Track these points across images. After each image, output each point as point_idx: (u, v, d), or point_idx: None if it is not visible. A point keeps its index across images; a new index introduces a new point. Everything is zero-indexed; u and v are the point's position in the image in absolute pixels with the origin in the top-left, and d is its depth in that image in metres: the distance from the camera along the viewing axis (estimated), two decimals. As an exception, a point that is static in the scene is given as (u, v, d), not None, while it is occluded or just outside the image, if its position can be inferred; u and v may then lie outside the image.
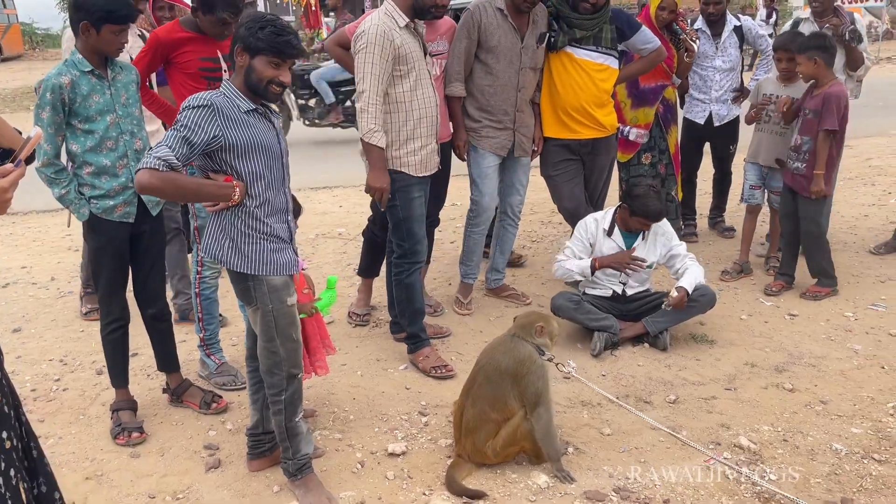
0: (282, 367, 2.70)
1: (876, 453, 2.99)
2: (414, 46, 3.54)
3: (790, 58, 4.50)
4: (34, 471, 2.17)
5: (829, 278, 4.56)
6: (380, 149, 3.51)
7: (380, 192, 3.56)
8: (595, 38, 4.13)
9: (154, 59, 3.46)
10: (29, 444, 2.17)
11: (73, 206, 3.09)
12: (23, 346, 4.18)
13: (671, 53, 5.12)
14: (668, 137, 5.34)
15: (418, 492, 2.82)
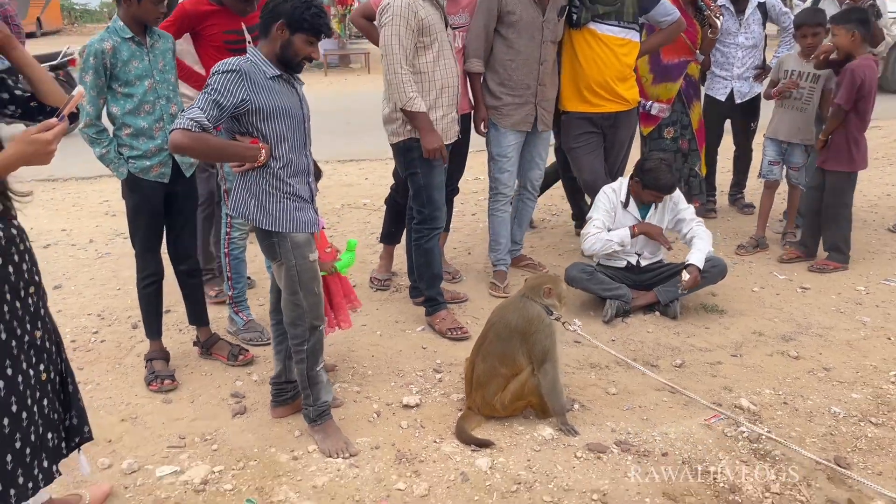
0: (304, 318, 2.88)
1: (873, 417, 3.09)
2: (436, 18, 3.66)
3: (815, 33, 4.54)
4: (68, 404, 2.37)
5: (841, 254, 4.62)
6: (423, 113, 3.64)
7: (437, 151, 3.70)
8: (617, 14, 4.19)
9: (179, 29, 3.59)
10: (66, 380, 2.36)
11: (113, 165, 3.28)
12: (63, 302, 4.43)
13: (695, 29, 5.17)
14: (691, 113, 5.40)
15: (429, 440, 2.99)
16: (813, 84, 4.67)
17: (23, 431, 2.09)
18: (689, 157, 5.41)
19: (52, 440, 2.25)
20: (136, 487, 2.73)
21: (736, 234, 5.35)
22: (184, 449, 2.96)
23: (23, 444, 2.09)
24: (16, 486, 2.07)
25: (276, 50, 2.72)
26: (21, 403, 2.08)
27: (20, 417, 2.08)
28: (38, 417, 2.17)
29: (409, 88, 3.59)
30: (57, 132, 2.01)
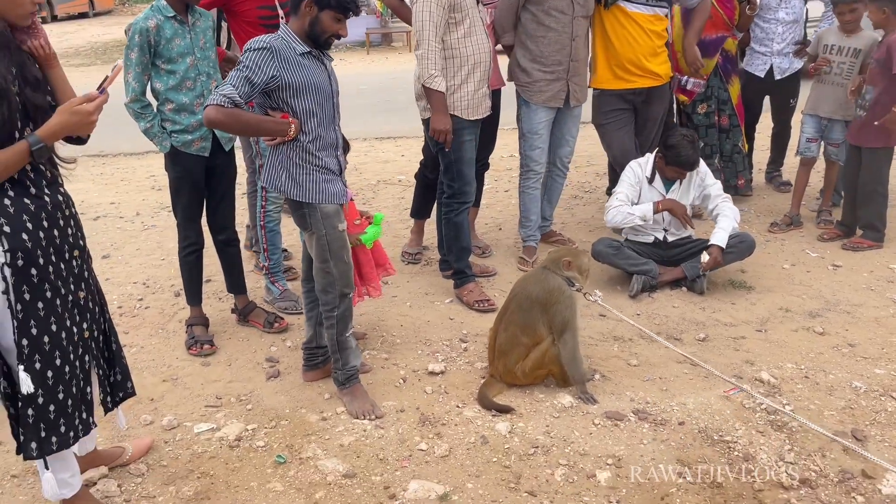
0: (335, 285, 3.00)
1: (895, 392, 3.10)
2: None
3: (852, 9, 4.48)
4: (112, 361, 2.53)
5: (877, 232, 4.57)
6: (440, 93, 3.72)
7: (443, 134, 3.77)
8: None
9: (211, 4, 3.69)
10: (109, 339, 2.52)
11: (157, 138, 3.44)
12: (111, 270, 4.65)
13: (733, 5, 5.11)
14: (731, 88, 5.34)
15: (452, 405, 3.10)
16: (853, 59, 4.60)
17: (65, 384, 2.25)
18: (730, 134, 5.36)
19: (89, 394, 2.41)
20: (175, 442, 2.91)
21: (770, 211, 5.32)
22: (220, 408, 3.13)
23: (65, 396, 2.25)
24: (58, 435, 2.24)
25: (304, 27, 2.82)
26: (64, 358, 2.24)
27: (63, 371, 2.24)
28: (79, 371, 2.33)
29: (432, 65, 3.67)
30: (98, 103, 2.15)
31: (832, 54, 4.69)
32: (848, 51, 4.62)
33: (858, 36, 4.60)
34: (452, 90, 3.79)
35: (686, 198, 4.18)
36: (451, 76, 3.77)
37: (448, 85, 3.77)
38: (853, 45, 4.59)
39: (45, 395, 2.22)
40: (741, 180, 5.45)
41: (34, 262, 2.17)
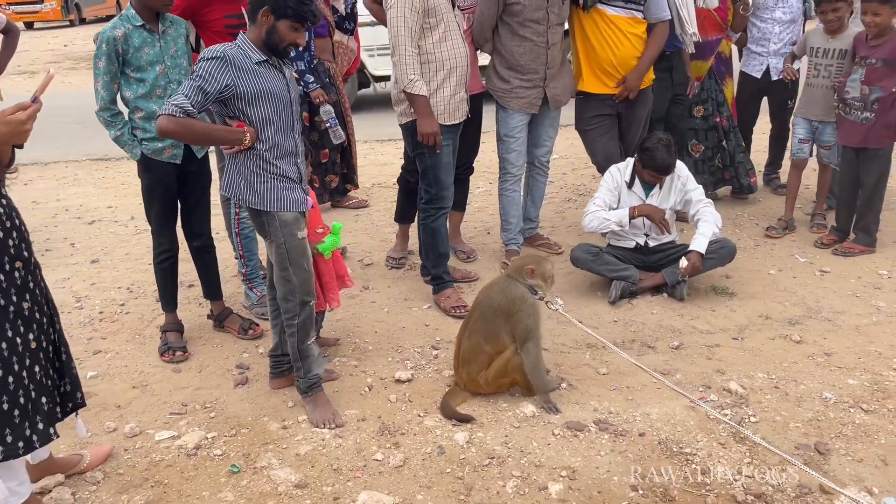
0: (295, 294, 3.01)
1: (865, 403, 3.03)
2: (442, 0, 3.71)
3: (834, 9, 4.39)
4: (62, 372, 2.55)
5: (869, 237, 4.48)
6: (423, 96, 3.70)
7: (432, 137, 3.76)
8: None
9: (181, 16, 3.62)
10: (59, 349, 2.54)
11: (127, 147, 3.46)
12: (98, 275, 4.70)
13: (726, 6, 5.02)
14: (725, 89, 5.28)
15: (414, 413, 3.09)
16: (840, 61, 4.50)
17: (9, 394, 2.27)
18: (732, 134, 5.28)
19: (46, 404, 2.43)
20: (135, 450, 2.93)
21: (765, 215, 5.23)
22: (184, 416, 3.15)
23: (10, 406, 2.27)
24: (3, 444, 2.26)
25: (262, 36, 2.82)
26: (7, 368, 2.26)
27: (6, 381, 2.26)
28: (28, 382, 2.34)
29: (410, 70, 3.66)
30: (30, 112, 2.16)
31: (818, 57, 4.59)
32: (834, 52, 4.52)
33: (844, 36, 4.50)
34: (428, 95, 3.77)
35: (666, 202, 4.12)
36: (426, 81, 3.76)
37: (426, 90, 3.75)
38: (839, 47, 4.49)
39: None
40: (753, 178, 5.37)
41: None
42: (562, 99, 4.38)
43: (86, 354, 3.69)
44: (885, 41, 4.23)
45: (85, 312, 4.17)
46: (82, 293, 4.43)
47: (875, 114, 4.29)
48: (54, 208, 6.17)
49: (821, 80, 4.60)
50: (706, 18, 4.94)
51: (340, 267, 3.48)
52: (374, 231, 5.32)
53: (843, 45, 4.47)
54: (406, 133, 3.97)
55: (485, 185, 6.16)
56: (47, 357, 2.47)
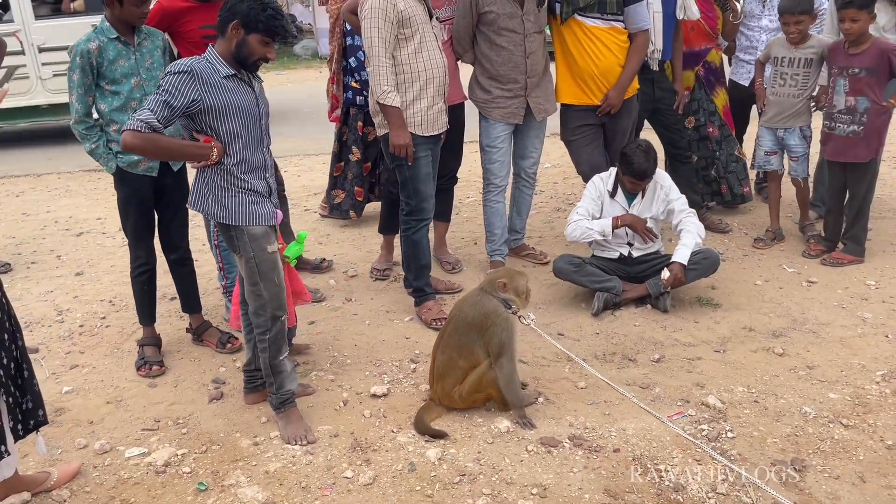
0: (266, 308, 2.98)
1: (845, 418, 2.98)
2: (418, 10, 3.68)
3: (798, 21, 4.35)
4: (24, 389, 2.53)
5: (859, 246, 4.43)
6: (396, 108, 3.68)
7: (403, 149, 3.74)
8: (600, 5, 4.09)
9: (156, 27, 3.63)
10: (21, 366, 2.51)
11: (102, 159, 3.45)
12: (81, 288, 4.68)
13: (715, 15, 4.99)
14: (716, 99, 5.22)
15: (388, 429, 3.05)
16: (807, 69, 4.46)
17: None
18: (724, 143, 5.21)
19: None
20: (104, 467, 2.89)
21: (754, 225, 5.18)
22: (156, 431, 3.12)
23: None
24: None
25: (231, 49, 2.80)
26: None
27: None
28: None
29: (384, 81, 3.64)
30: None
31: (783, 66, 4.54)
32: (799, 62, 4.48)
33: (807, 46, 4.47)
34: (405, 106, 3.75)
35: (648, 211, 4.08)
36: (402, 92, 3.73)
37: (400, 101, 3.73)
38: (803, 56, 4.46)
39: None
40: (746, 188, 5.30)
41: None
42: (546, 108, 4.35)
43: (63, 369, 3.67)
44: (867, 49, 4.18)
45: (65, 326, 4.15)
46: (64, 306, 4.41)
47: (864, 126, 4.22)
48: (44, 220, 6.16)
49: (787, 88, 4.55)
50: (693, 29, 4.91)
51: (297, 283, 3.45)
52: (361, 242, 5.29)
53: (808, 54, 4.45)
54: (384, 144, 3.95)
55: (474, 195, 6.12)
56: (9, 374, 2.44)
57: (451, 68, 4.11)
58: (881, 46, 4.17)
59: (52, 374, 3.61)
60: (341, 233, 5.51)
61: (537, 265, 4.69)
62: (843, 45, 4.26)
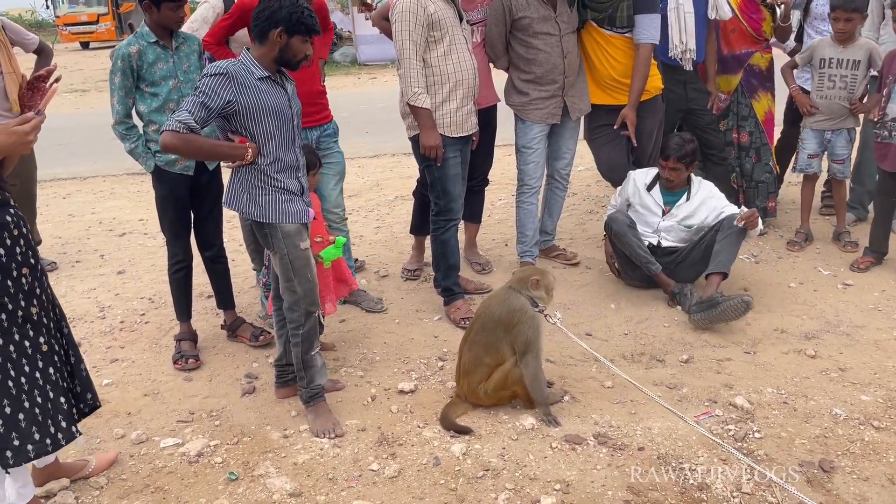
0: (300, 304, 3.05)
1: (877, 420, 2.94)
2: (448, 13, 3.74)
3: (848, 18, 4.28)
4: (73, 374, 2.64)
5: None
6: (426, 109, 3.75)
7: (434, 150, 3.81)
8: (609, 19, 4.11)
9: (235, 23, 3.79)
10: (69, 352, 2.62)
11: (141, 159, 3.57)
12: (122, 286, 4.83)
13: (760, 17, 4.88)
14: (756, 104, 5.08)
15: (414, 424, 3.10)
16: (854, 71, 4.39)
17: (28, 394, 2.37)
18: (751, 152, 5.05)
19: (65, 404, 2.52)
20: (140, 456, 2.99)
21: (790, 227, 5.10)
22: (190, 423, 3.21)
23: (31, 406, 2.37)
24: (32, 442, 2.36)
25: (273, 53, 2.88)
26: (18, 370, 2.36)
27: (19, 382, 2.36)
28: (43, 383, 2.43)
29: (415, 83, 3.70)
30: (34, 124, 2.24)
31: (831, 67, 4.47)
32: (847, 63, 4.42)
33: (855, 46, 4.41)
34: (434, 108, 3.80)
35: (696, 218, 4.15)
36: (432, 94, 3.79)
37: (430, 103, 3.78)
38: (851, 57, 4.40)
39: (12, 404, 2.34)
40: (771, 203, 5.13)
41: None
42: (581, 107, 4.36)
43: (103, 363, 3.79)
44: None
45: (106, 322, 4.29)
46: (106, 303, 4.55)
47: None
48: (88, 221, 6.36)
49: (836, 90, 4.48)
50: (735, 31, 4.83)
51: (343, 270, 3.51)
52: (393, 243, 5.35)
53: (856, 56, 4.38)
54: (414, 146, 4.01)
55: (506, 197, 6.15)
56: (61, 359, 2.55)
57: (483, 71, 4.15)
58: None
59: (93, 368, 3.71)
60: (374, 234, 5.59)
61: (567, 266, 4.69)
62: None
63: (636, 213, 4.26)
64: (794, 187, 5.63)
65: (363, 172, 7.52)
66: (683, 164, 4.05)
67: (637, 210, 4.25)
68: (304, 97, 3.73)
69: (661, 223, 4.15)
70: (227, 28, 3.82)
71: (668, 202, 4.16)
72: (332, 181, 4.10)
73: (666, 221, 4.17)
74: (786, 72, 4.77)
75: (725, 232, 3.96)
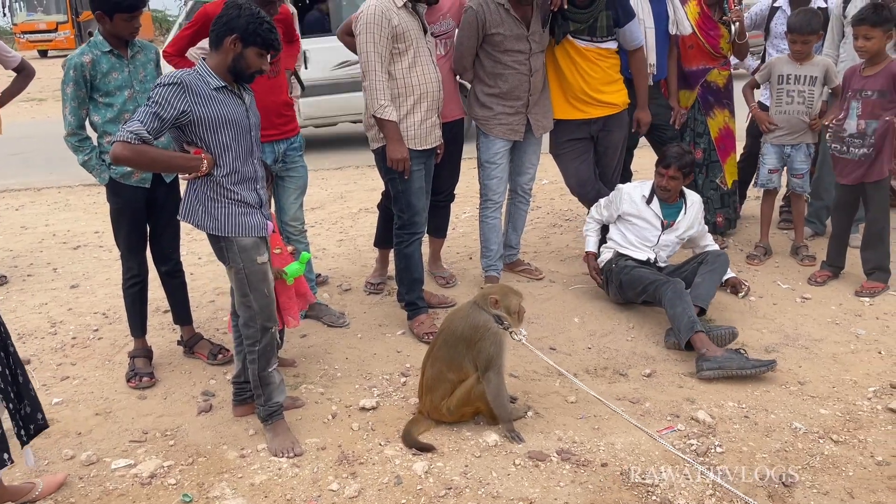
0: (256, 319, 2.97)
1: (836, 434, 2.96)
2: (412, 24, 3.71)
3: (805, 41, 4.38)
4: (20, 394, 2.53)
5: (885, 272, 4.31)
6: (392, 122, 3.71)
7: (401, 163, 3.76)
8: (590, 29, 4.14)
9: (199, 31, 3.70)
10: (16, 372, 2.52)
11: (95, 171, 3.47)
12: (76, 300, 4.69)
13: (717, 34, 4.93)
14: (710, 121, 5.12)
15: (375, 442, 3.04)
16: (811, 87, 4.48)
17: None
18: (707, 168, 5.10)
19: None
20: (90, 478, 2.88)
21: (749, 242, 5.16)
22: (143, 443, 3.11)
23: None
24: None
25: (227, 62, 2.81)
26: None
27: None
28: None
29: (381, 96, 3.66)
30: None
31: (790, 83, 4.55)
32: (804, 79, 4.50)
33: (811, 63, 4.51)
34: (399, 120, 3.77)
35: (692, 230, 4.25)
36: (397, 106, 3.75)
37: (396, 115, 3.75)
38: (808, 73, 4.49)
39: None
40: (719, 217, 5.16)
41: None
42: (545, 124, 4.37)
43: (53, 380, 3.67)
44: (880, 71, 4.10)
45: (58, 338, 4.15)
46: (58, 318, 4.41)
47: (873, 148, 4.13)
48: (42, 233, 6.19)
49: (795, 105, 4.57)
50: (692, 47, 4.89)
51: (301, 285, 3.45)
52: (356, 256, 5.30)
53: (813, 73, 4.48)
54: (378, 158, 3.97)
55: (471, 210, 6.13)
56: (5, 381, 2.45)
57: (449, 84, 4.14)
58: (894, 69, 4.08)
59: (42, 386, 3.60)
60: (337, 247, 5.53)
61: (532, 280, 4.68)
62: (860, 68, 4.21)
63: (633, 227, 4.21)
64: (754, 202, 5.71)
65: (327, 185, 7.46)
66: (683, 173, 4.10)
67: (634, 224, 4.20)
68: (269, 108, 3.68)
69: (661, 237, 4.17)
70: (190, 37, 3.74)
71: (667, 215, 4.18)
72: (292, 194, 4.04)
73: (666, 235, 4.19)
74: (746, 92, 4.85)
75: (709, 266, 4.02)
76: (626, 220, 4.25)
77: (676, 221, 4.19)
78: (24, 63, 4.87)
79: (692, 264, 4.14)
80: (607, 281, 4.22)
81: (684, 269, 4.13)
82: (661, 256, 4.22)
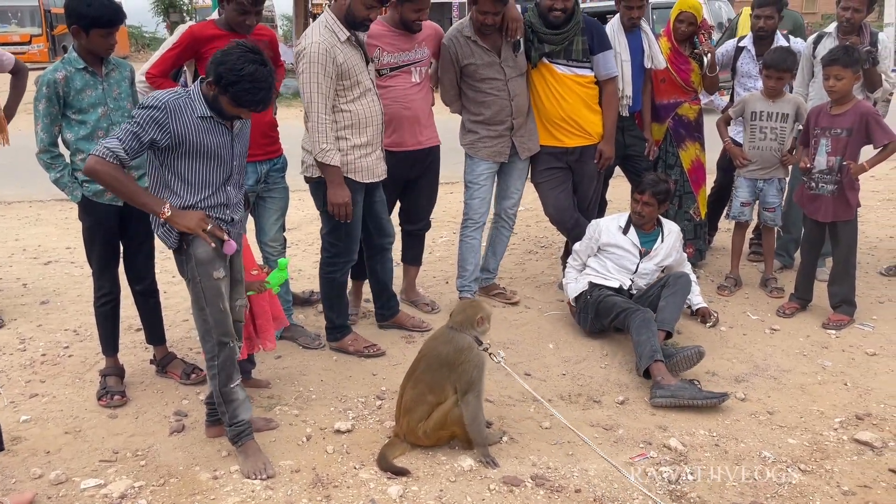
0: (212, 333, 2.95)
1: (803, 463, 3.02)
2: (355, 59, 3.65)
3: (779, 77, 4.52)
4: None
5: (851, 306, 4.41)
6: (335, 167, 3.63)
7: (342, 207, 3.68)
8: (566, 52, 4.25)
9: (184, 52, 3.71)
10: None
11: (67, 188, 3.44)
12: (45, 317, 4.62)
13: (689, 68, 5.06)
14: (682, 153, 5.22)
15: (350, 465, 3.03)
16: (783, 124, 4.62)
17: None
18: (678, 200, 5.18)
19: None
20: (59, 498, 2.83)
21: (720, 273, 5.26)
22: (114, 463, 3.06)
23: None
24: None
25: (210, 97, 2.80)
26: None
27: None
28: None
29: (323, 139, 3.58)
30: None
31: (762, 120, 4.68)
32: (776, 116, 4.64)
33: (783, 101, 4.65)
34: (344, 153, 3.70)
35: (669, 258, 4.32)
36: (342, 138, 3.69)
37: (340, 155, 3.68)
38: (780, 110, 4.64)
39: None
40: (690, 248, 5.20)
41: None
42: (530, 146, 4.45)
43: (22, 398, 3.60)
44: (849, 110, 4.20)
45: (27, 355, 4.08)
46: (27, 335, 4.35)
47: (838, 185, 4.24)
48: (11, 248, 6.10)
49: (767, 141, 4.69)
50: (664, 81, 5.01)
51: (276, 308, 3.44)
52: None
53: (785, 110, 4.63)
54: (315, 188, 3.85)
55: (448, 235, 6.18)
56: None
57: (425, 110, 4.19)
58: (862, 109, 4.19)
59: (10, 403, 3.54)
60: (313, 268, 5.49)
61: (507, 305, 4.72)
62: (828, 106, 4.32)
63: (612, 256, 4.26)
64: (725, 234, 5.82)
65: (303, 205, 7.43)
66: (657, 199, 4.17)
67: (612, 252, 4.25)
68: (255, 129, 3.65)
69: (640, 264, 4.23)
70: (175, 58, 3.74)
71: (644, 243, 4.24)
72: (273, 215, 4.05)
73: (645, 263, 4.24)
74: (720, 126, 4.97)
75: (671, 289, 4.08)
76: (604, 251, 4.31)
77: (654, 249, 4.26)
78: (19, 64, 4.82)
79: (655, 288, 4.20)
80: (581, 311, 4.26)
81: (650, 294, 4.19)
82: (638, 285, 4.27)
